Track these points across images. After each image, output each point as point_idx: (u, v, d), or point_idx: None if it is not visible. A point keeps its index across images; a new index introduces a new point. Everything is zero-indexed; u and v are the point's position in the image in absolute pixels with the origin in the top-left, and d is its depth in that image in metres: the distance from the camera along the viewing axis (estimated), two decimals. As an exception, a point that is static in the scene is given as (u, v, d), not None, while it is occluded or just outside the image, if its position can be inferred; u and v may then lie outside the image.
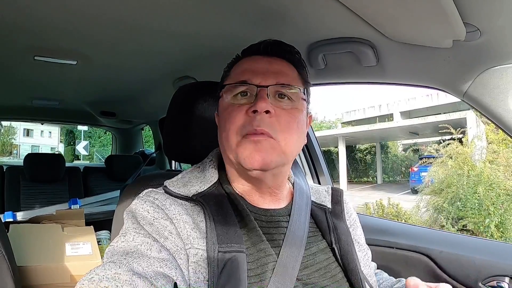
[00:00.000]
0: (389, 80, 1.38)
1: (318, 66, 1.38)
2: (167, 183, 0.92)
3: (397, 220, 7.85)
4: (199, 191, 0.89)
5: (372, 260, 1.10)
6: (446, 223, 6.85)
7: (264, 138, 0.82)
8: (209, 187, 0.91)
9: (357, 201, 10.50)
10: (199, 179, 0.93)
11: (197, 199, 0.87)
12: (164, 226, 0.81)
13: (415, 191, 11.31)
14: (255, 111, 0.83)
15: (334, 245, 0.95)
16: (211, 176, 0.93)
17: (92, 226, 2.01)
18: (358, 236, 1.06)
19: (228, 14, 1.23)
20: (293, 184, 1.03)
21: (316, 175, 2.01)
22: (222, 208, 0.87)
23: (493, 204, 6.45)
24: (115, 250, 0.77)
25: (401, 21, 1.00)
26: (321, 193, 1.07)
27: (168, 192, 0.89)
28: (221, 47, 1.46)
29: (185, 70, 1.91)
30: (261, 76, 0.87)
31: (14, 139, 33.96)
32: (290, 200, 0.98)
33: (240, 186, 0.93)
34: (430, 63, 1.17)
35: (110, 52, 1.76)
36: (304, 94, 0.91)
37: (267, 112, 0.83)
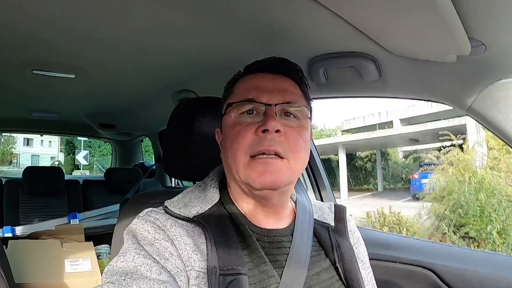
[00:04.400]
0: (391, 94, 1.37)
1: (319, 81, 1.36)
2: (167, 203, 0.90)
3: (399, 228, 7.82)
4: (200, 212, 0.87)
5: (375, 275, 1.08)
6: (448, 230, 6.81)
7: (274, 159, 0.82)
8: (210, 208, 0.89)
9: (358, 210, 10.46)
10: (200, 199, 0.92)
11: (198, 221, 0.85)
12: (165, 247, 0.80)
13: (416, 198, 11.28)
14: (264, 130, 0.82)
15: (337, 264, 0.93)
16: (212, 196, 0.92)
17: (91, 242, 1.99)
18: (361, 254, 1.05)
19: (228, 30, 1.22)
20: (295, 202, 1.01)
21: (318, 190, 1.99)
22: (224, 229, 0.86)
23: (495, 210, 6.42)
24: (114, 270, 0.76)
25: (404, 35, 0.99)
26: (324, 211, 1.05)
27: (168, 213, 0.88)
28: (221, 61, 1.45)
29: (184, 83, 1.90)
30: (268, 94, 0.86)
31: (14, 149, 33.97)
32: (293, 219, 0.96)
33: (244, 205, 0.92)
34: (434, 77, 1.16)
35: (109, 67, 1.76)
36: (309, 112, 0.91)
37: (277, 131, 0.82)
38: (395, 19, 0.91)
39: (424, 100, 1.31)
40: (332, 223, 1.02)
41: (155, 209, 0.90)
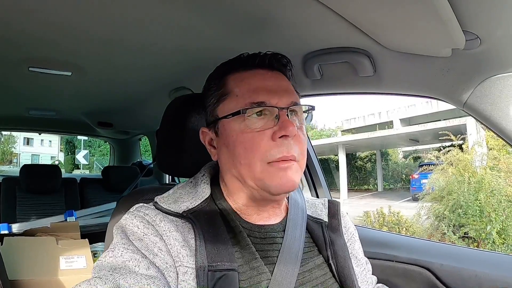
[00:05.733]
0: (386, 90, 1.36)
1: (314, 77, 1.36)
2: (157, 198, 0.90)
3: (398, 228, 7.82)
4: (189, 207, 0.86)
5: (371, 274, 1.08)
6: (448, 230, 6.80)
7: (292, 164, 0.82)
8: (200, 203, 0.88)
9: (357, 210, 10.46)
10: (190, 195, 0.91)
11: (187, 216, 0.85)
12: (153, 242, 0.79)
13: (415, 199, 11.28)
14: (282, 136, 0.81)
15: (330, 261, 0.93)
16: (203, 192, 0.91)
17: (87, 239, 1.98)
18: (356, 251, 1.04)
19: (223, 26, 1.21)
20: (287, 198, 1.00)
21: (314, 187, 1.98)
22: (214, 225, 0.85)
23: (495, 210, 6.41)
24: (102, 265, 0.76)
25: (399, 30, 0.98)
26: (318, 207, 1.04)
27: (158, 208, 0.87)
28: (216, 58, 1.44)
29: (180, 81, 1.90)
30: (276, 95, 0.85)
31: (14, 148, 34.00)
32: (285, 215, 0.95)
33: (238, 202, 0.91)
34: (429, 73, 1.15)
35: (105, 64, 1.75)
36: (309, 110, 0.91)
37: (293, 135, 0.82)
38: (389, 13, 0.90)
39: (419, 96, 1.30)
40: (326, 219, 1.01)
41: (145, 204, 0.89)
